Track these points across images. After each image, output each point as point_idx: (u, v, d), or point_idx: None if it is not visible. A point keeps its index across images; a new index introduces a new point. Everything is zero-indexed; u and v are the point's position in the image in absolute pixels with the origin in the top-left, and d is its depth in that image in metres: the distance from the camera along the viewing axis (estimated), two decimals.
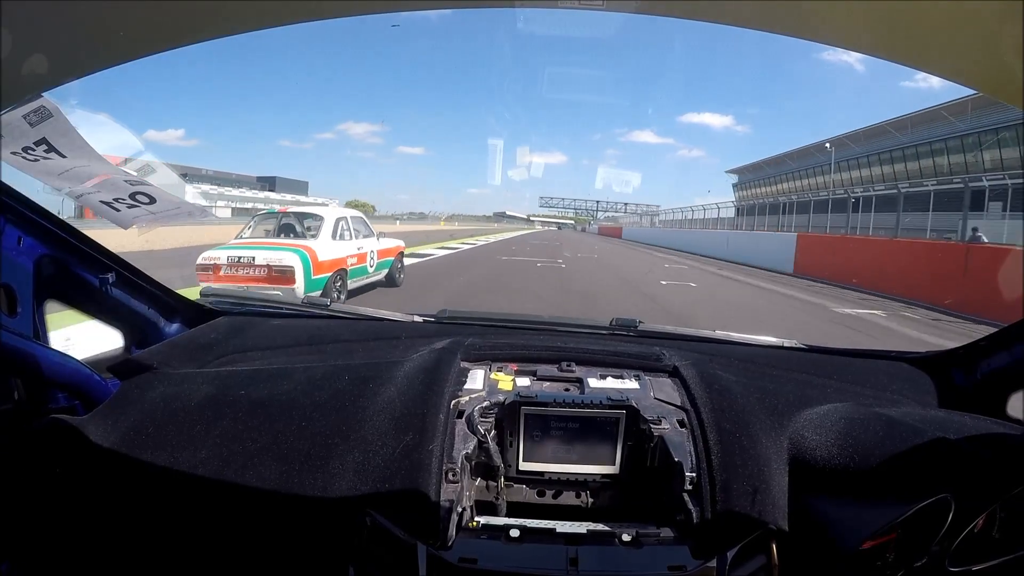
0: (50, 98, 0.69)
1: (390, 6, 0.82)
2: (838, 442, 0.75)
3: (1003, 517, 0.71)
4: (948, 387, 1.02)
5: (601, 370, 0.96)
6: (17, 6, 0.59)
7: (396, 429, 0.75)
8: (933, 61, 0.73)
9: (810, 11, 0.72)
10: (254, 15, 0.76)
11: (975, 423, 0.76)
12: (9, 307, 0.78)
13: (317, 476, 0.72)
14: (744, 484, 0.72)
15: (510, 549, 0.73)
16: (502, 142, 50.15)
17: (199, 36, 0.78)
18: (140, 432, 0.76)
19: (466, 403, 0.84)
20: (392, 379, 0.85)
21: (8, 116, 0.66)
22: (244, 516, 0.79)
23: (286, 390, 0.82)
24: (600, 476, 0.83)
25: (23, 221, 0.79)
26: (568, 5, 0.79)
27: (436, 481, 0.71)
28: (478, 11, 0.92)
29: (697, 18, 0.77)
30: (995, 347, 0.97)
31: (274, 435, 0.75)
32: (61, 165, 0.73)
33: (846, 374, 1.04)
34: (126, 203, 0.83)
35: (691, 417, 0.83)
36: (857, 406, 0.83)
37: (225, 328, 1.13)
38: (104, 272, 0.95)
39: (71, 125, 0.70)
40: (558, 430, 0.83)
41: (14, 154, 0.70)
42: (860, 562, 0.68)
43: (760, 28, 0.77)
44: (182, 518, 0.81)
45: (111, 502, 0.79)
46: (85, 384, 0.81)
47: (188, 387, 0.84)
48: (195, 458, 0.73)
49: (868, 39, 0.74)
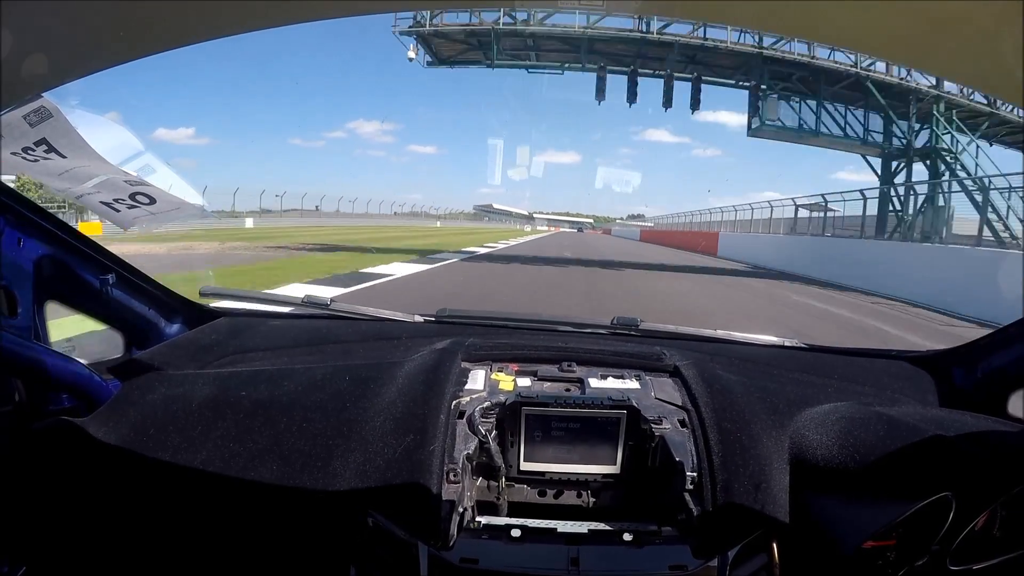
0: (50, 98, 0.69)
1: (390, 6, 0.82)
2: (839, 441, 0.75)
3: (1004, 516, 0.71)
4: (948, 386, 1.02)
5: (602, 370, 0.96)
6: (17, 6, 0.58)
7: (397, 430, 0.75)
8: (933, 61, 0.73)
9: (810, 11, 0.72)
10: (254, 15, 0.76)
11: (975, 422, 0.76)
12: (9, 308, 0.78)
13: (318, 477, 0.72)
14: (745, 483, 0.72)
15: (511, 549, 0.73)
16: (502, 142, 47.60)
17: (200, 36, 0.78)
18: (141, 433, 0.76)
19: (467, 403, 0.84)
20: (393, 379, 0.85)
21: (8, 116, 0.66)
22: (245, 517, 0.79)
23: (287, 391, 0.82)
24: (601, 476, 0.83)
25: (23, 222, 0.79)
26: (568, 5, 0.79)
27: (437, 481, 0.71)
28: (478, 12, 0.90)
29: (697, 19, 0.77)
30: (995, 346, 0.97)
31: (275, 436, 0.75)
32: (61, 165, 0.73)
33: (846, 373, 1.04)
34: (126, 203, 0.83)
35: (692, 417, 0.83)
36: (858, 405, 0.83)
37: (225, 329, 1.13)
38: (104, 273, 0.95)
39: (71, 125, 0.70)
40: (559, 430, 0.83)
41: (14, 154, 0.69)
42: (861, 561, 0.68)
43: (760, 29, 0.77)
44: (183, 519, 0.81)
45: (112, 503, 0.79)
46: (86, 385, 0.81)
47: (189, 388, 0.84)
48: (196, 459, 0.73)
49: (868, 40, 0.74)
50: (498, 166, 47.40)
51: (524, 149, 67.87)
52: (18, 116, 0.66)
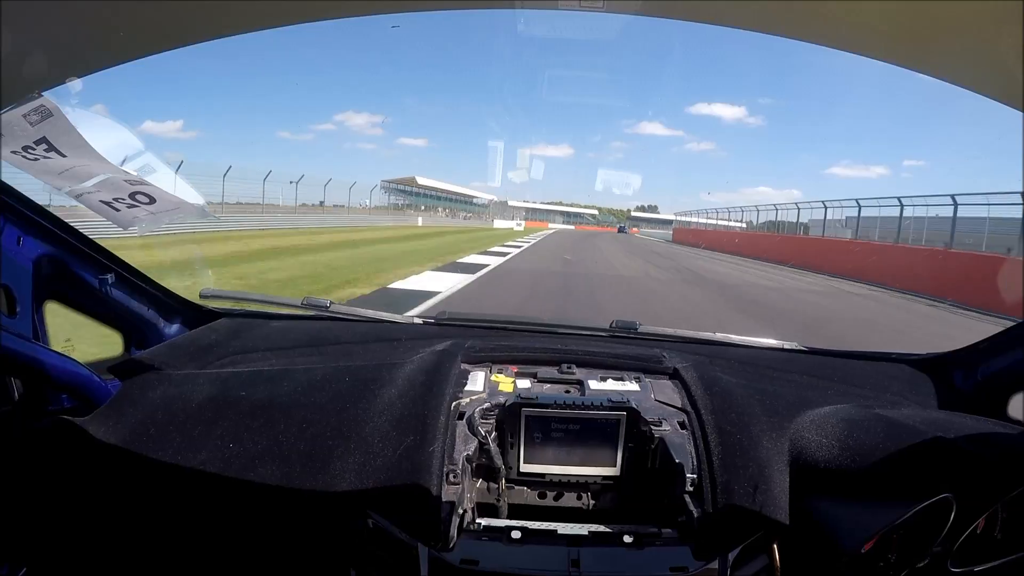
0: (50, 97, 0.69)
1: (390, 6, 0.82)
2: (839, 443, 0.75)
3: (1004, 518, 0.71)
4: (948, 388, 1.02)
5: (601, 372, 0.96)
6: (17, 6, 0.59)
7: (397, 431, 0.75)
8: (933, 62, 0.73)
9: (811, 13, 0.72)
10: (254, 16, 0.76)
11: (976, 424, 0.76)
12: (9, 307, 0.78)
13: (318, 478, 0.71)
14: (745, 485, 0.72)
15: (511, 550, 0.73)
16: (502, 144, 44.48)
17: (199, 36, 0.78)
18: (141, 433, 0.75)
19: (467, 405, 0.84)
20: (392, 381, 0.84)
21: (8, 115, 0.66)
22: (245, 517, 0.79)
23: (287, 391, 0.82)
24: (601, 478, 0.83)
25: (23, 221, 0.79)
26: (568, 6, 0.79)
27: (437, 483, 0.71)
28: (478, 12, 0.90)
29: (698, 20, 0.77)
30: (995, 349, 0.97)
31: (275, 436, 0.75)
32: (61, 164, 0.73)
33: (846, 376, 1.04)
34: (126, 203, 0.82)
35: (692, 419, 0.83)
36: (858, 407, 0.83)
37: (226, 329, 1.12)
38: (104, 272, 0.95)
39: (71, 124, 0.70)
40: (559, 432, 0.83)
41: (14, 153, 0.69)
42: (861, 563, 0.68)
43: (761, 30, 0.77)
44: (183, 519, 0.81)
45: (112, 503, 0.79)
46: (85, 385, 0.81)
47: (189, 388, 0.83)
48: (196, 459, 0.73)
49: (869, 41, 0.75)
50: (498, 168, 37.04)
51: (524, 151, 63.48)
52: (18, 115, 0.66)
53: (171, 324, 1.13)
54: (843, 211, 16.80)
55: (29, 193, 0.79)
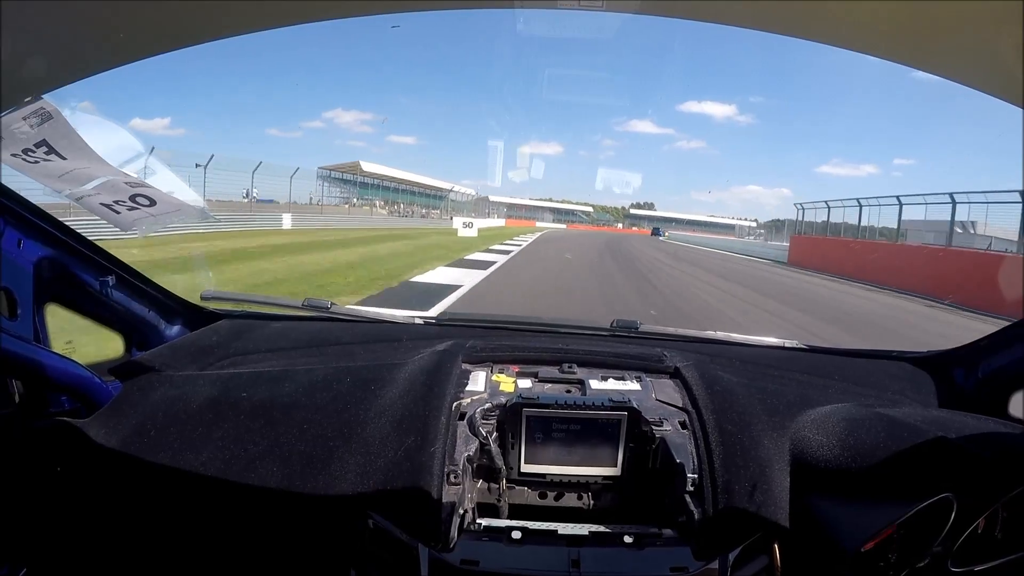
0: (50, 100, 0.69)
1: (390, 6, 0.82)
2: (840, 442, 0.74)
3: (1005, 517, 0.71)
4: (949, 387, 1.01)
5: (602, 372, 0.96)
6: (17, 7, 0.59)
7: (398, 431, 0.75)
8: (933, 61, 0.73)
9: (810, 11, 0.72)
10: (256, 16, 0.76)
11: (976, 423, 0.76)
12: (9, 310, 0.78)
13: (319, 478, 0.71)
14: (746, 485, 0.71)
15: (512, 551, 0.73)
16: (502, 143, 42.56)
17: (199, 38, 0.78)
18: (142, 434, 0.75)
19: (467, 405, 0.84)
20: (393, 381, 0.84)
21: (8, 118, 0.66)
22: (246, 518, 0.79)
23: (287, 392, 0.82)
24: (602, 478, 0.83)
25: (23, 224, 0.79)
26: (568, 6, 0.79)
27: (438, 483, 0.71)
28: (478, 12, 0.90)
29: (697, 18, 0.77)
30: (996, 347, 0.97)
31: (276, 437, 0.75)
32: (61, 167, 0.73)
33: (847, 374, 1.04)
34: (126, 205, 0.82)
35: (693, 418, 0.82)
36: (858, 406, 0.83)
37: (226, 330, 1.12)
38: (104, 275, 0.95)
39: (71, 127, 0.70)
40: (560, 432, 0.83)
41: (14, 156, 0.69)
42: (862, 563, 0.68)
43: (760, 28, 0.77)
44: (184, 520, 0.81)
45: (112, 504, 0.79)
46: (86, 387, 0.81)
47: (190, 389, 0.83)
48: (197, 460, 0.73)
49: (868, 39, 0.74)
50: (498, 169, 28.72)
51: (524, 150, 61.80)
52: (18, 118, 0.67)
53: (172, 325, 1.13)
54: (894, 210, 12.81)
55: (28, 195, 0.79)
